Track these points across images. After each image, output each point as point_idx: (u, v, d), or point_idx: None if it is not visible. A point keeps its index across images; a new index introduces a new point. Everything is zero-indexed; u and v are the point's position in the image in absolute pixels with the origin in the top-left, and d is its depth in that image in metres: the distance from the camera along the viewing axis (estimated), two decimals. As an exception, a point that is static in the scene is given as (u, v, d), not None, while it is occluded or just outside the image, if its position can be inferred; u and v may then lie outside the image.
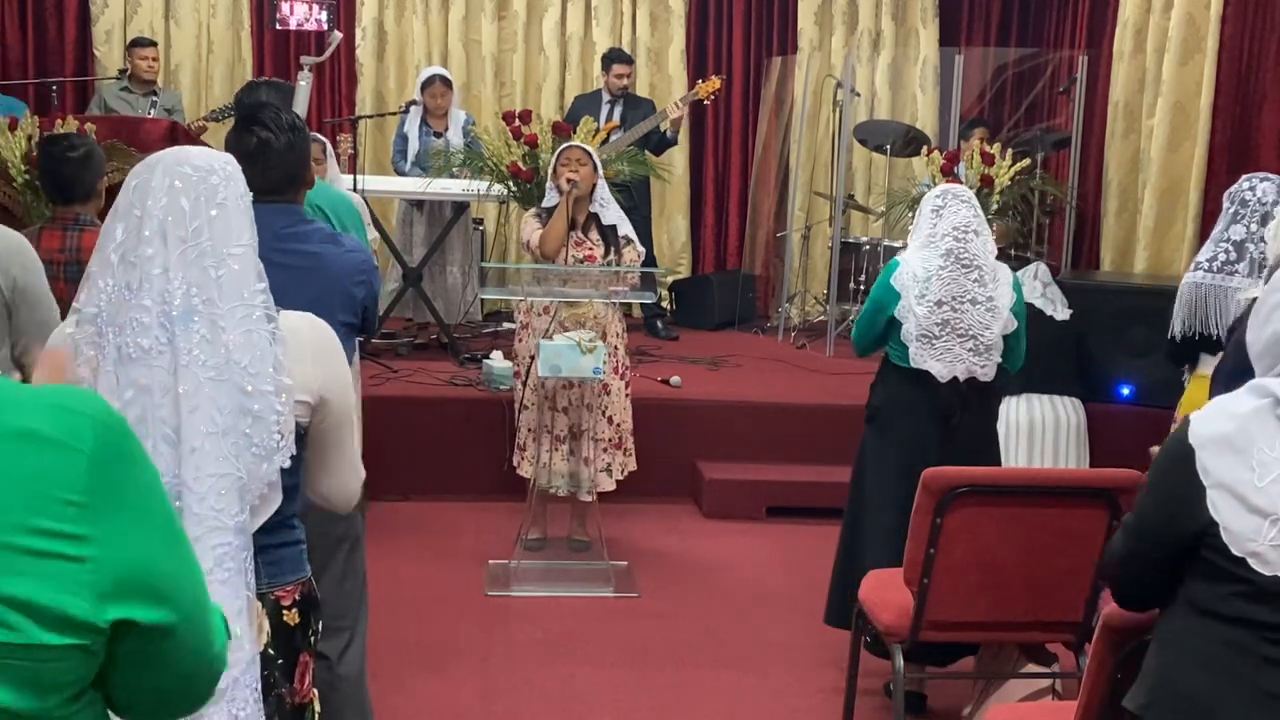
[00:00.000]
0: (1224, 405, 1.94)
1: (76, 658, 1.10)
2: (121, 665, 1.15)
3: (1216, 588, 1.91)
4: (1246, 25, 7.48)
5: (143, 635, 1.14)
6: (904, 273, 3.80)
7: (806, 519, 5.71)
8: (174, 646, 1.18)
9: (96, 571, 1.09)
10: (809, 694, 4.03)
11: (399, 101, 8.06)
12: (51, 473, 1.09)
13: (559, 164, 4.93)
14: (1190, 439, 1.92)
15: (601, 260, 4.88)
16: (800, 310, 8.47)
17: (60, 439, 1.10)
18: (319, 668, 2.98)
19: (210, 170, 1.90)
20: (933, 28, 8.92)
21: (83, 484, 1.09)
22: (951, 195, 3.81)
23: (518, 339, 5.15)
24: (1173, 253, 7.74)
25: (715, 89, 7.44)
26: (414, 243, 7.18)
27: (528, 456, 5.04)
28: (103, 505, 1.10)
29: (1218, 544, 1.88)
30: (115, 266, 1.83)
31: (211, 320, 1.85)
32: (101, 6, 8.27)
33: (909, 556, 3.30)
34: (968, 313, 3.74)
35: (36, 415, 1.11)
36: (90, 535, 1.09)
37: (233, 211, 1.90)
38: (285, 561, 2.07)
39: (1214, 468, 1.89)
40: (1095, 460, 5.94)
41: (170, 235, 1.84)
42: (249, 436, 1.87)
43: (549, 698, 3.95)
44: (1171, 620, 2.02)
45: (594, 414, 4.95)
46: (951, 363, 3.77)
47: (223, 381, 1.85)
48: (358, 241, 3.06)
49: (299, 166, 2.84)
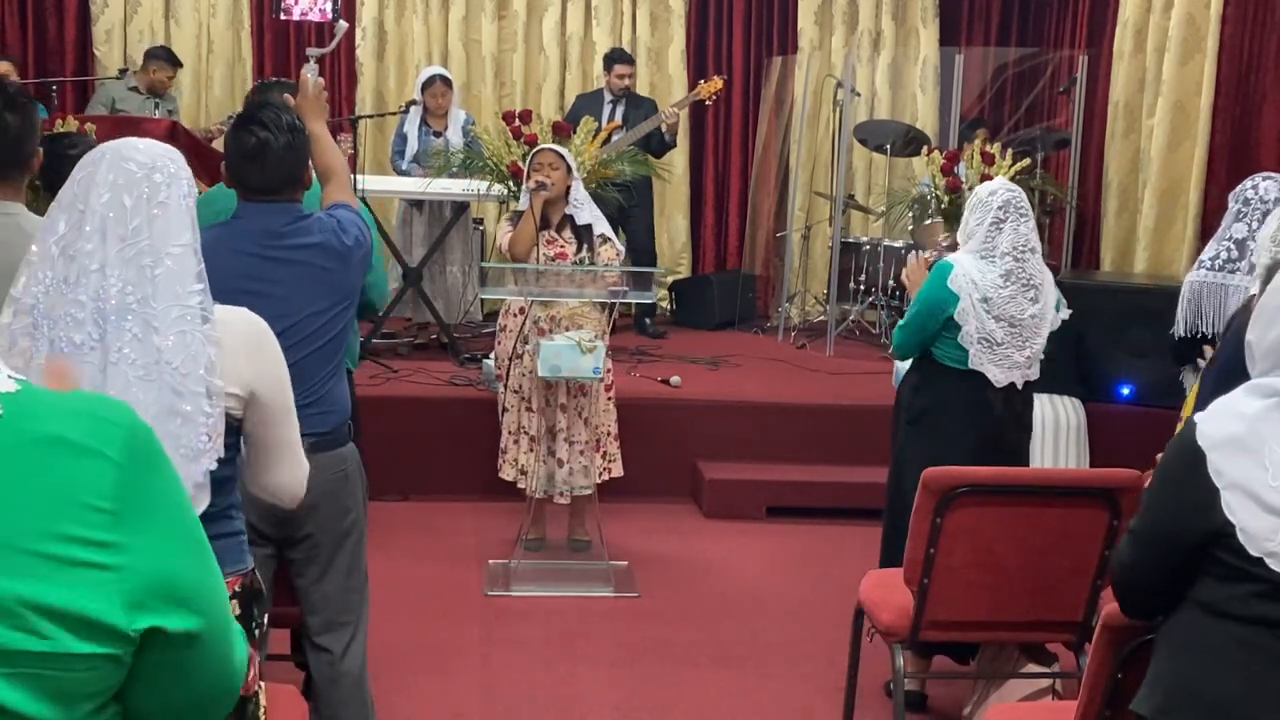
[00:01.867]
0: (1230, 406, 1.94)
1: (106, 667, 1.09)
2: (145, 676, 1.14)
3: (1232, 589, 1.90)
4: (1246, 25, 7.48)
5: (170, 645, 1.13)
6: (960, 275, 3.77)
7: (806, 519, 5.71)
8: (198, 657, 1.17)
9: (126, 579, 1.08)
10: (809, 694, 4.02)
11: (399, 101, 8.05)
12: (81, 480, 1.08)
13: (531, 167, 4.94)
14: (1200, 441, 1.91)
15: (574, 257, 4.87)
16: (800, 310, 8.47)
17: (90, 446, 1.09)
18: (322, 662, 2.99)
19: (154, 168, 1.90)
20: (933, 28, 8.92)
21: (112, 491, 1.09)
22: (1013, 209, 3.77)
23: (497, 341, 5.14)
24: (1173, 253, 7.74)
25: (717, 89, 7.45)
26: (414, 243, 7.18)
27: (508, 459, 5.03)
28: (132, 513, 1.10)
29: (1234, 545, 1.87)
30: (55, 259, 1.84)
31: (145, 320, 1.85)
32: (101, 6, 8.27)
33: (909, 556, 3.30)
34: (1026, 326, 3.80)
35: (66, 422, 1.10)
36: (120, 543, 1.08)
37: (174, 211, 1.90)
38: (224, 553, 2.07)
39: (1227, 469, 1.88)
40: (1095, 460, 5.93)
41: (110, 232, 1.84)
42: (176, 437, 1.88)
43: (549, 698, 3.95)
44: (1181, 624, 2.01)
45: (569, 415, 4.94)
46: (1009, 369, 3.81)
47: (151, 381, 1.86)
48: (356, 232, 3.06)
49: (298, 166, 2.85)
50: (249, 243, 2.80)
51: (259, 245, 2.80)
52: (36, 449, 1.08)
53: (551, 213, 4.93)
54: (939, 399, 3.89)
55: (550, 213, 4.93)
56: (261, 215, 2.82)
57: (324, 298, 2.84)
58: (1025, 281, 3.77)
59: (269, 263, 2.79)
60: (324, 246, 2.84)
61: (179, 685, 1.17)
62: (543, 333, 4.80)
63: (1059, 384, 5.99)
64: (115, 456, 1.10)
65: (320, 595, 2.95)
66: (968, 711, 3.77)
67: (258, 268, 2.77)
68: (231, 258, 2.76)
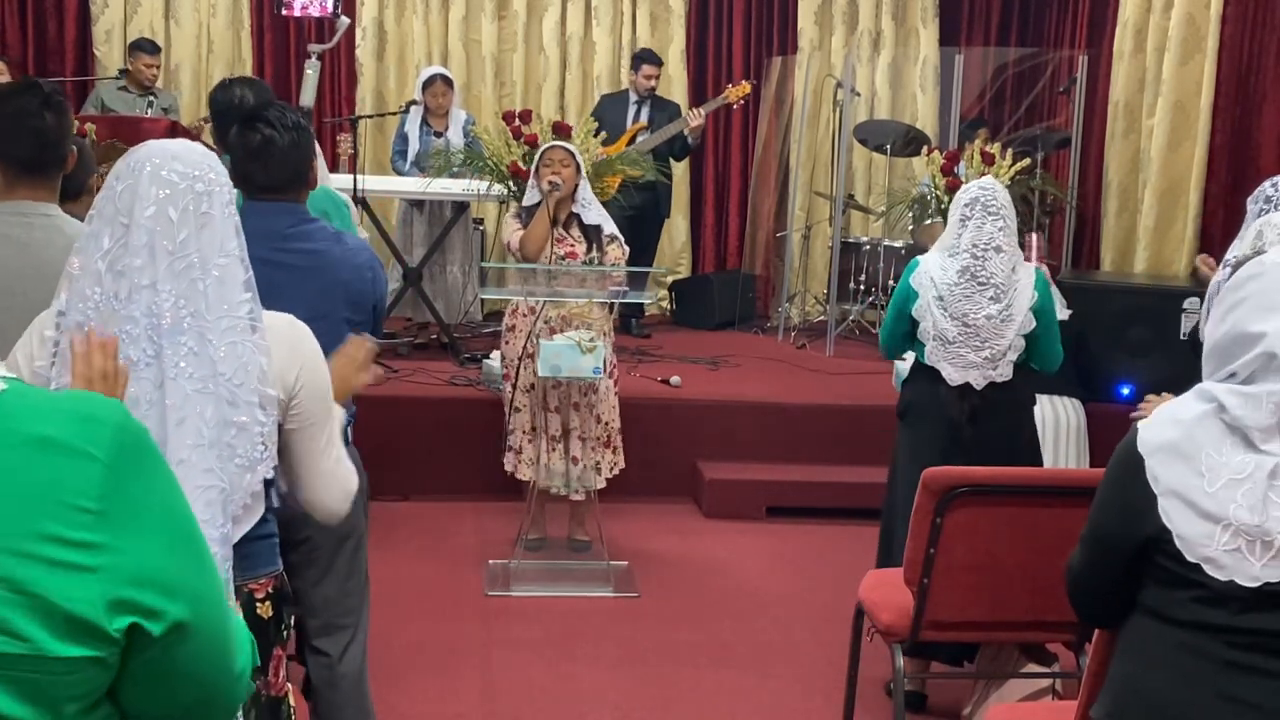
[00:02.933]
0: (1171, 412, 1.94)
1: (89, 670, 1.08)
2: (137, 677, 1.13)
3: (1173, 593, 1.91)
4: (1246, 25, 7.48)
5: (156, 646, 1.12)
6: (922, 272, 3.81)
7: (806, 519, 5.71)
8: (189, 654, 1.15)
9: (109, 580, 1.08)
10: (809, 694, 4.03)
11: (399, 101, 8.05)
12: (66, 480, 1.08)
13: (541, 164, 4.91)
14: (1139, 447, 1.92)
15: (584, 257, 4.86)
16: (800, 310, 8.47)
17: (76, 446, 1.09)
18: (320, 665, 2.99)
19: (195, 177, 1.89)
20: (933, 28, 8.92)
21: (98, 491, 1.08)
22: (980, 206, 3.77)
23: (504, 341, 5.14)
24: (1173, 253, 7.74)
25: (745, 93, 7.47)
26: (414, 243, 7.18)
27: (524, 458, 5.03)
28: (117, 512, 1.09)
29: (1172, 550, 1.88)
30: (102, 275, 1.83)
31: (199, 333, 1.85)
32: (101, 6, 8.27)
33: (909, 556, 3.30)
34: (983, 326, 3.77)
35: (54, 422, 1.10)
36: (103, 543, 1.08)
37: (219, 221, 1.90)
38: (258, 555, 2.08)
39: (1163, 475, 1.89)
40: (1095, 460, 5.93)
41: (158, 247, 1.84)
42: (233, 448, 1.89)
43: (549, 698, 3.95)
44: (1131, 628, 2.02)
45: (582, 413, 4.94)
46: (964, 368, 3.79)
47: (208, 394, 1.86)
48: (361, 241, 3.07)
49: (302, 165, 2.85)
50: (250, 243, 2.79)
51: (260, 246, 2.78)
52: (23, 449, 1.08)
53: (558, 210, 4.91)
54: (917, 396, 3.92)
55: (557, 210, 4.91)
56: (265, 215, 2.82)
57: (320, 304, 2.82)
58: (983, 280, 3.74)
59: (268, 265, 2.77)
60: (325, 254, 2.83)
61: (174, 685, 1.16)
62: (554, 331, 4.79)
63: (1059, 384, 5.99)
64: (101, 456, 1.10)
65: (319, 598, 2.95)
66: (968, 711, 3.78)
67: (256, 269, 2.76)
68: None
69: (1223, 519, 1.84)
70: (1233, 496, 1.84)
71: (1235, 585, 1.84)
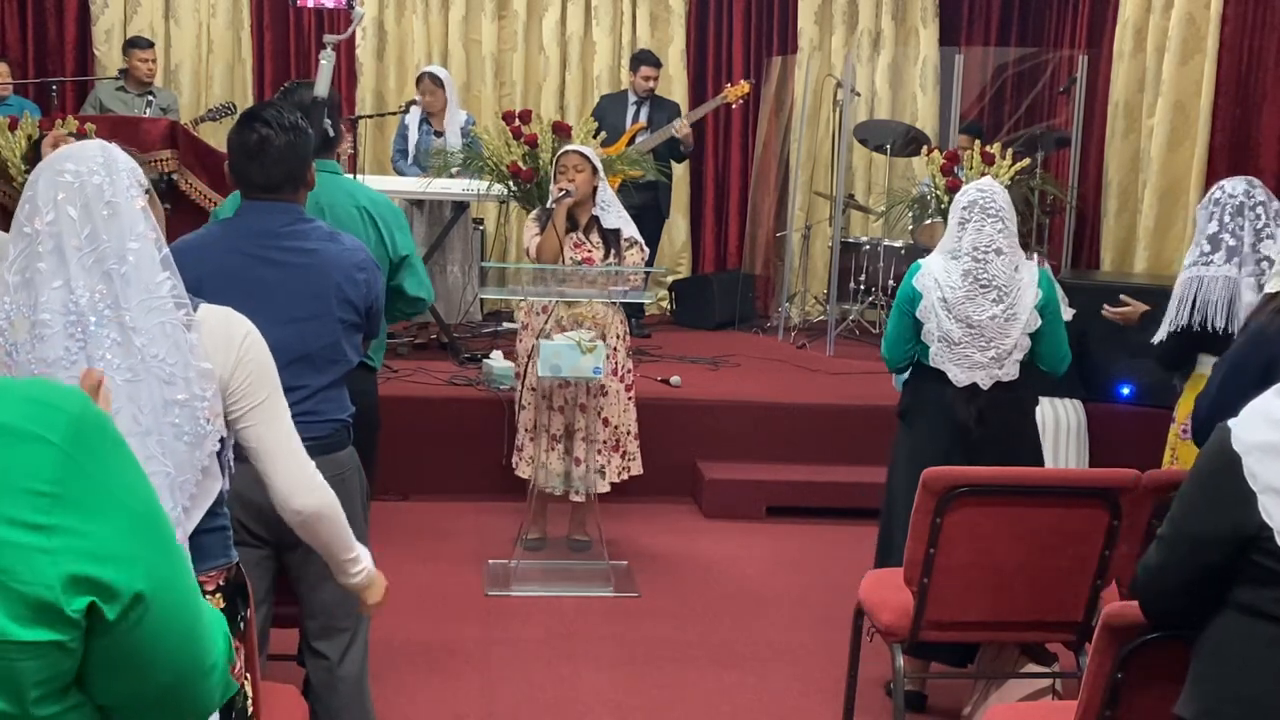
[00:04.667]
0: (1264, 410, 1.95)
1: (53, 654, 1.09)
2: (101, 662, 1.14)
3: (1271, 591, 1.91)
4: (1246, 25, 7.48)
5: (115, 628, 1.13)
6: (925, 274, 3.81)
7: (806, 519, 5.71)
8: (151, 633, 1.15)
9: (64, 561, 1.09)
10: (809, 694, 4.03)
11: (399, 101, 8.06)
12: (22, 464, 1.09)
13: (556, 170, 4.89)
14: (1235, 445, 1.93)
15: (600, 262, 4.84)
16: (800, 310, 8.48)
17: (32, 431, 1.11)
18: (319, 668, 2.98)
19: (90, 170, 1.90)
20: (933, 27, 8.92)
21: (52, 474, 1.10)
22: (979, 209, 3.77)
23: (518, 339, 5.14)
24: (1173, 253, 7.74)
25: (744, 93, 7.47)
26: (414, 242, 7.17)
27: (525, 456, 5.03)
28: (73, 496, 1.11)
29: (1270, 547, 1.89)
30: (12, 286, 1.85)
31: (119, 324, 1.86)
32: (101, 6, 8.28)
33: (909, 556, 3.30)
34: (986, 327, 3.77)
35: (10, 408, 1.12)
36: (58, 525, 1.09)
37: (123, 207, 1.90)
38: (208, 547, 2.08)
39: (1262, 473, 1.90)
40: (1095, 460, 5.94)
41: (66, 247, 1.85)
42: (178, 426, 1.90)
43: (549, 698, 3.95)
44: (1220, 627, 2.02)
45: (588, 414, 4.94)
46: (970, 369, 3.79)
47: (139, 381, 1.87)
48: (357, 241, 3.06)
49: (299, 166, 2.84)
50: (244, 241, 2.80)
51: (254, 245, 2.79)
52: None
53: (579, 214, 4.88)
54: (919, 397, 3.92)
55: (578, 214, 4.88)
56: (261, 214, 2.82)
57: (313, 304, 2.81)
58: (985, 282, 3.75)
59: (260, 263, 2.78)
60: (319, 254, 2.83)
61: (140, 670, 1.16)
62: (564, 331, 4.78)
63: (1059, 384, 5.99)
64: (57, 441, 1.11)
65: (317, 601, 2.94)
66: (968, 711, 3.78)
67: (248, 267, 2.76)
68: (225, 255, 2.76)
69: None
70: None
71: None
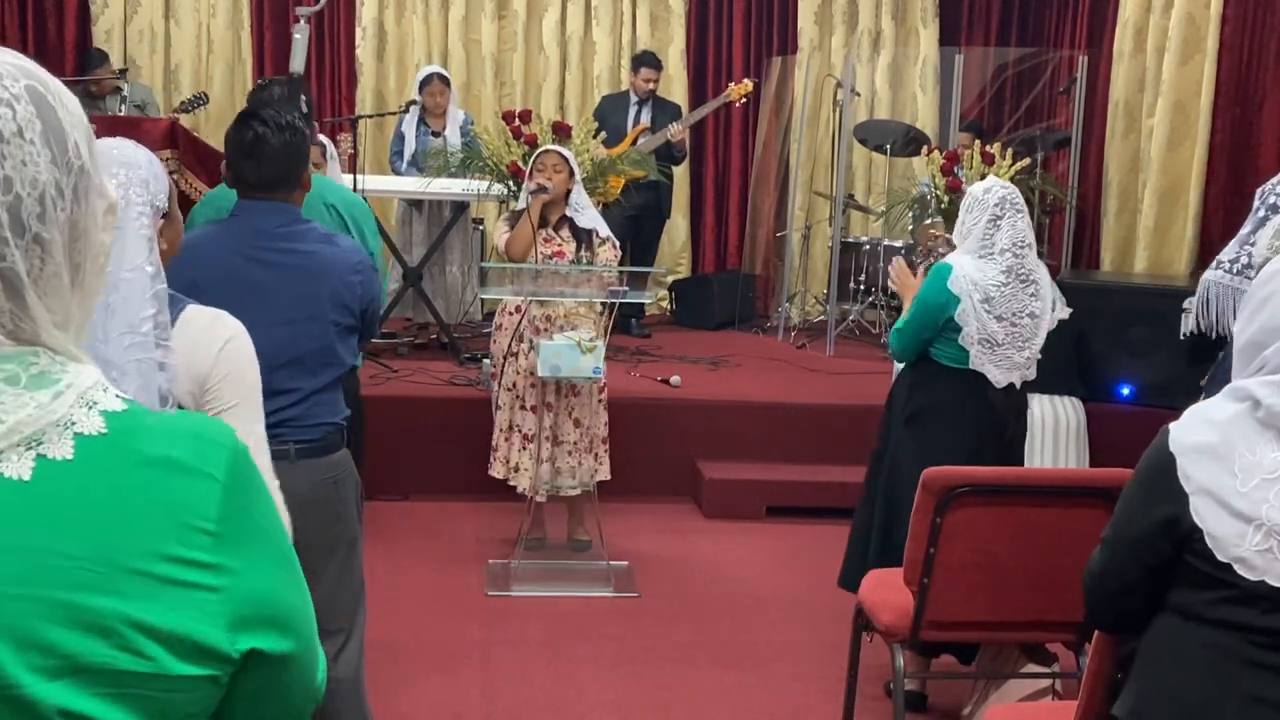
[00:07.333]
0: (1203, 412, 1.94)
1: (206, 688, 1.09)
2: (240, 696, 1.14)
3: (1202, 594, 1.91)
4: (1246, 25, 7.49)
5: (267, 666, 1.14)
6: (960, 277, 3.77)
7: (806, 519, 5.71)
8: (290, 679, 1.17)
9: (229, 601, 1.09)
10: (809, 694, 4.03)
11: (399, 101, 8.05)
12: (189, 501, 1.08)
13: (535, 168, 4.92)
14: (1170, 447, 1.92)
15: (572, 256, 4.86)
16: (800, 310, 8.48)
17: (198, 467, 1.10)
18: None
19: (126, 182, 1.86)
20: (933, 27, 8.92)
21: (217, 512, 1.09)
22: (1009, 205, 3.78)
23: (492, 340, 5.14)
24: (1173, 253, 7.75)
25: (747, 91, 7.47)
26: (413, 243, 7.18)
27: (498, 456, 5.03)
28: (234, 534, 1.10)
29: (1202, 550, 1.88)
30: None
31: (105, 360, 1.81)
32: (101, 6, 8.27)
33: (909, 556, 3.30)
34: (1026, 325, 3.80)
35: (175, 443, 1.10)
36: (223, 564, 1.09)
37: (130, 233, 1.86)
38: None
39: (1195, 474, 1.89)
40: (1095, 460, 5.93)
41: None
42: None
43: (549, 698, 3.95)
44: (1157, 629, 2.02)
45: (558, 415, 4.93)
46: (1009, 370, 3.82)
47: None
48: (354, 243, 3.05)
49: (294, 167, 2.83)
50: (238, 242, 2.79)
51: (248, 245, 2.79)
52: (146, 469, 1.08)
53: (550, 213, 4.92)
54: (936, 399, 3.89)
55: (549, 213, 4.92)
56: (255, 214, 2.81)
57: (306, 306, 2.80)
58: (1025, 277, 3.78)
59: (254, 264, 2.77)
60: (314, 255, 2.82)
61: (269, 705, 1.18)
62: (539, 331, 4.80)
63: (1059, 384, 6.00)
64: (220, 477, 1.10)
65: None
66: (968, 711, 3.78)
67: (242, 267, 2.75)
68: (219, 256, 2.75)
69: (1255, 519, 1.84)
70: (1265, 497, 1.84)
71: (1265, 585, 1.84)
